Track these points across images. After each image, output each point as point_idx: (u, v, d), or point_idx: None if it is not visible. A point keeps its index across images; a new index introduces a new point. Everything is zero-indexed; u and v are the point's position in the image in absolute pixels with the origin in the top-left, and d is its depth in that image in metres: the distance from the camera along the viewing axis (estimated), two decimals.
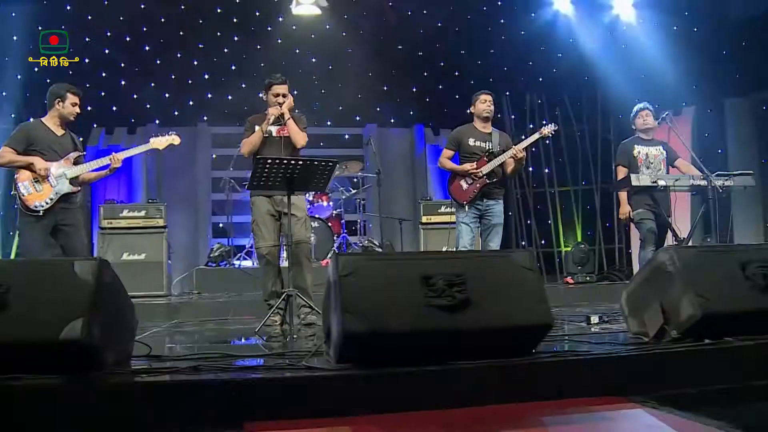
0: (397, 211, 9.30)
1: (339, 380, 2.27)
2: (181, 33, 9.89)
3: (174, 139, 4.87)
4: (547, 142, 10.34)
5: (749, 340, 2.62)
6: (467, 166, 5.00)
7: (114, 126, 9.37)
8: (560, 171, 10.28)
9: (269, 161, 4.04)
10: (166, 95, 9.94)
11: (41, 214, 4.20)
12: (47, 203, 4.22)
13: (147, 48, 9.80)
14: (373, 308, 2.30)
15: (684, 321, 2.65)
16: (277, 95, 4.69)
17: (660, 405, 2.28)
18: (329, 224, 7.96)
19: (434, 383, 2.31)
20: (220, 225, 9.56)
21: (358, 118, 10.36)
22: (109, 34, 9.59)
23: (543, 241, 10.32)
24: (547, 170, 10.35)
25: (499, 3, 10.32)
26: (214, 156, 9.99)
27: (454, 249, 5.20)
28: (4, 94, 8.52)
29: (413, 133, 10.41)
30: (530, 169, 10.43)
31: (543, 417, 2.21)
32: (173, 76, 9.91)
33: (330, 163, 4.20)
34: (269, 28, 10.13)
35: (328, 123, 10.60)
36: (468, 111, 5.44)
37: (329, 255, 7.75)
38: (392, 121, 10.63)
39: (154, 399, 2.27)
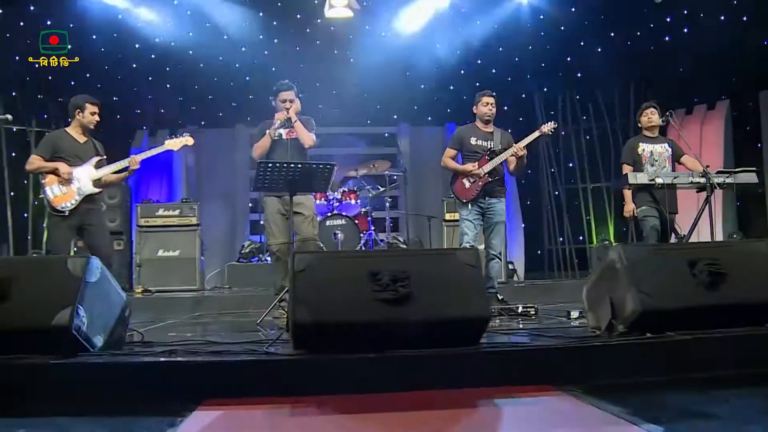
0: (429, 208, 9.48)
1: (289, 364, 2.54)
2: (224, 37, 10.34)
3: (188, 140, 5.24)
4: (587, 137, 10.38)
5: (688, 334, 2.73)
6: (469, 166, 5.15)
7: (158, 128, 9.93)
8: (593, 167, 10.27)
9: (270, 165, 4.34)
10: (210, 97, 10.46)
11: (66, 214, 4.62)
12: (72, 204, 4.64)
13: (191, 52, 10.31)
14: (322, 301, 2.55)
15: (627, 316, 2.79)
16: (284, 101, 4.99)
17: (585, 394, 2.45)
18: (356, 222, 8.24)
19: (377, 369, 2.54)
20: (261, 222, 9.94)
21: (395, 117, 10.60)
22: (157, 39, 10.15)
23: (581, 237, 10.33)
24: (588, 166, 10.34)
25: None
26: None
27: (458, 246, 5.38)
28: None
29: (445, 132, 10.56)
30: (570, 164, 10.47)
31: (470, 401, 2.41)
32: (215, 79, 10.40)
33: (328, 166, 4.46)
34: (308, 30, 10.49)
35: (368, 122, 10.90)
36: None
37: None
38: (429, 119, 10.86)
39: (132, 377, 2.59)
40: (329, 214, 8.35)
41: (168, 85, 10.33)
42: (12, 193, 8.85)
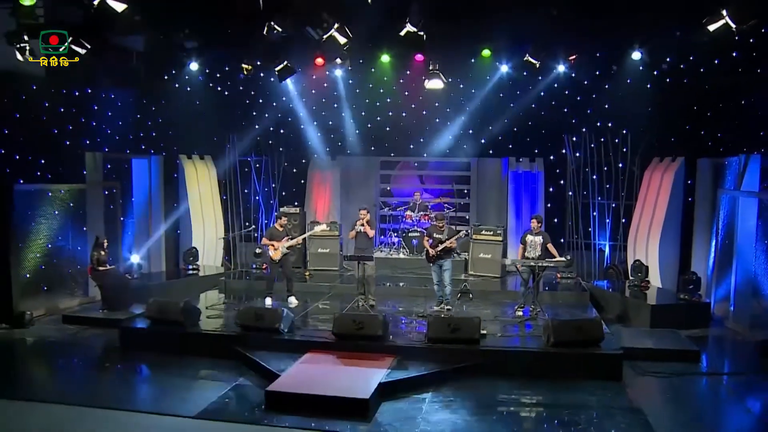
0: (492, 220, 15.12)
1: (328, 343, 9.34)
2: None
3: (324, 227, 12.13)
4: (595, 176, 14.92)
5: None
6: (431, 250, 10.81)
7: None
8: (601, 188, 15.02)
9: (348, 255, 11.06)
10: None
11: (277, 261, 11.43)
12: (278, 258, 11.30)
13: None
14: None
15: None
16: (361, 214, 11.37)
17: None
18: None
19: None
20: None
21: (465, 146, 16.08)
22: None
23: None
24: (607, 186, 15.23)
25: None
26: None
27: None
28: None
29: (500, 163, 15.96)
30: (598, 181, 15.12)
31: None
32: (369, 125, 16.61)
33: (365, 257, 10.96)
34: (420, 98, 16.03)
35: (448, 151, 16.31)
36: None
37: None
38: (491, 152, 16.04)
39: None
40: (410, 229, 14.83)
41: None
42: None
